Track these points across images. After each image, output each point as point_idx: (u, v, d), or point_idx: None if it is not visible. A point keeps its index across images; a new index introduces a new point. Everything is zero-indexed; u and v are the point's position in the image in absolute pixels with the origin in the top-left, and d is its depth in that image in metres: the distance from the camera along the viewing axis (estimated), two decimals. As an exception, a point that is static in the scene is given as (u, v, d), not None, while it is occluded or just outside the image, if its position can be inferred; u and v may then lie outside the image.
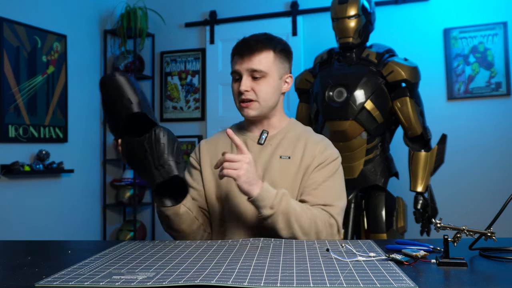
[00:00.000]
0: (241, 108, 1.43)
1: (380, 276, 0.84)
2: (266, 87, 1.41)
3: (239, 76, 1.42)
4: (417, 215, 2.58)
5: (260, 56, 1.40)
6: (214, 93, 3.98)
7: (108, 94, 1.22)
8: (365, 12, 2.59)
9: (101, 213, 4.02)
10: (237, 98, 1.44)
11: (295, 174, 1.39)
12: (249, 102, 1.41)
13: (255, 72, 1.40)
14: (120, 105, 1.20)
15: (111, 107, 1.22)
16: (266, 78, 1.41)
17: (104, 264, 0.98)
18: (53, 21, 3.53)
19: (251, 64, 1.39)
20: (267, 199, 1.25)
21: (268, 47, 1.41)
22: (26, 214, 3.27)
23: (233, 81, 1.45)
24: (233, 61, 1.45)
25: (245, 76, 1.40)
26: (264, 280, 0.82)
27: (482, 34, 3.37)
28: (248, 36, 1.46)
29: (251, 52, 1.39)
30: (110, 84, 1.21)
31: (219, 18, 4.00)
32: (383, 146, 2.66)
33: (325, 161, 1.41)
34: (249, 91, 1.40)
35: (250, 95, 1.40)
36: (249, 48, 1.40)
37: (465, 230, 0.98)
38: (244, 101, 1.41)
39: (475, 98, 3.39)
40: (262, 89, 1.41)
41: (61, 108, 3.55)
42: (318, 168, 1.40)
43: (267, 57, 1.41)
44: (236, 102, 1.45)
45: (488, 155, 3.33)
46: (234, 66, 1.43)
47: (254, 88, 1.40)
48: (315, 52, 3.24)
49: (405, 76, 2.55)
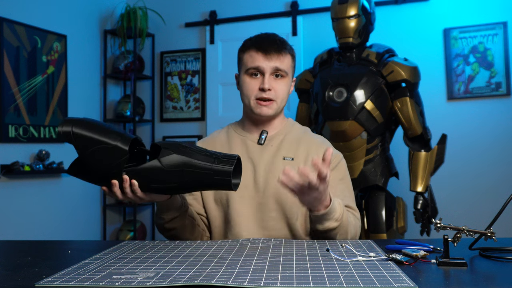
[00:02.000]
0: (257, 106, 1.40)
1: (380, 276, 0.84)
2: (285, 87, 1.42)
3: (259, 73, 1.40)
4: (417, 215, 2.58)
5: (285, 57, 1.41)
6: (214, 93, 3.98)
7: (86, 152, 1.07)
8: (365, 12, 2.59)
9: (101, 213, 4.02)
10: (252, 95, 1.40)
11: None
12: (269, 102, 1.40)
13: (279, 71, 1.40)
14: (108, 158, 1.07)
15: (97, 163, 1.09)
16: (285, 78, 1.42)
17: (104, 264, 0.98)
18: (53, 21, 3.53)
19: (278, 62, 1.39)
20: (334, 212, 1.23)
21: (289, 49, 1.44)
22: (26, 214, 3.27)
23: (247, 76, 1.42)
24: (251, 57, 1.41)
25: (268, 74, 1.39)
26: (264, 280, 0.82)
27: (482, 34, 3.37)
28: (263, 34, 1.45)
29: (279, 51, 1.40)
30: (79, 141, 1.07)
31: (219, 18, 4.00)
32: (383, 146, 2.66)
33: (333, 164, 1.42)
34: (271, 90, 1.39)
35: (271, 94, 1.39)
36: (276, 47, 1.40)
37: (465, 230, 0.98)
38: (264, 99, 1.40)
39: (475, 98, 3.39)
40: (282, 89, 1.41)
41: (61, 108, 3.55)
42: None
43: (288, 58, 1.43)
44: (250, 99, 1.41)
45: (488, 155, 3.33)
46: (256, 62, 1.39)
47: (275, 87, 1.40)
48: (315, 52, 3.24)
49: (405, 76, 2.54)
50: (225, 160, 1.10)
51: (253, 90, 1.40)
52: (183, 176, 1.09)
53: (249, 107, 1.43)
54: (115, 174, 1.10)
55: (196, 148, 1.13)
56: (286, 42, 1.45)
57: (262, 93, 1.39)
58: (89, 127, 1.08)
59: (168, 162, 1.08)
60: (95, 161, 1.09)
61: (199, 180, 1.09)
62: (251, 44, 1.43)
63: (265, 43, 1.41)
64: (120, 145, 1.07)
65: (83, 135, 1.07)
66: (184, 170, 1.08)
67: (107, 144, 1.07)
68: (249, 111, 1.44)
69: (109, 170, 1.10)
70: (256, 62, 1.39)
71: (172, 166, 1.08)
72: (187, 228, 1.37)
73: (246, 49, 1.43)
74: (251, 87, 1.41)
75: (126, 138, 1.09)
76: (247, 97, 1.42)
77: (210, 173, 1.08)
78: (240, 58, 1.46)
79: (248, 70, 1.41)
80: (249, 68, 1.41)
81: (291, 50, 1.45)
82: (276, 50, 1.40)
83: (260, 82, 1.39)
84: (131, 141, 1.10)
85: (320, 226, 1.25)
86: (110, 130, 1.10)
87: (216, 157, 1.10)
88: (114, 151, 1.07)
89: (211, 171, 1.08)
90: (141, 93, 4.22)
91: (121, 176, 1.10)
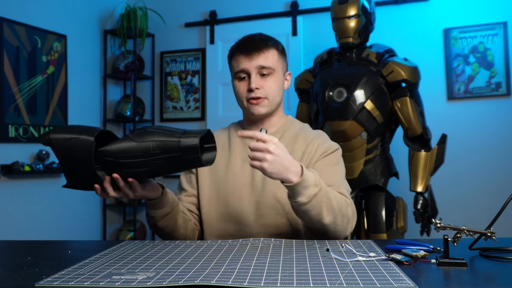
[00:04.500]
0: (250, 106, 1.42)
1: (380, 276, 0.84)
2: (274, 83, 1.42)
3: (246, 75, 1.42)
4: (417, 215, 2.58)
5: (267, 53, 1.41)
6: (214, 93, 3.98)
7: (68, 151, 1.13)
8: (365, 12, 2.59)
9: (101, 213, 4.02)
10: (244, 97, 1.42)
11: None
12: (259, 99, 1.41)
13: (264, 69, 1.40)
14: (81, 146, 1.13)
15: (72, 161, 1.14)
16: (273, 75, 1.42)
17: (104, 264, 0.98)
18: (53, 21, 3.53)
19: (260, 61, 1.40)
20: (310, 178, 1.16)
21: (272, 45, 1.43)
22: (26, 214, 3.27)
23: (237, 80, 1.44)
24: (236, 61, 1.43)
25: (254, 74, 1.40)
26: (264, 280, 0.82)
27: (482, 34, 3.37)
28: (246, 36, 1.46)
29: (259, 49, 1.40)
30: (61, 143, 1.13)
31: (219, 18, 4.00)
32: (383, 146, 2.66)
33: (327, 151, 1.41)
34: (259, 89, 1.40)
35: (260, 92, 1.40)
36: (256, 46, 1.41)
37: (465, 230, 0.98)
38: (254, 98, 1.40)
39: (475, 98, 3.39)
40: (271, 86, 1.42)
41: (61, 108, 3.55)
42: (321, 157, 1.40)
43: (273, 54, 1.43)
44: (242, 101, 1.43)
45: (488, 155, 3.33)
46: (240, 65, 1.41)
47: (263, 85, 1.41)
48: (315, 52, 3.24)
49: (405, 76, 2.54)
50: (193, 134, 1.12)
51: (243, 92, 1.42)
52: (152, 149, 1.12)
53: (244, 109, 1.45)
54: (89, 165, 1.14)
55: (166, 126, 1.16)
56: (269, 38, 1.45)
57: (251, 94, 1.40)
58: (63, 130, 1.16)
59: (138, 137, 1.12)
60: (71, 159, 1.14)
61: (166, 148, 1.12)
62: (235, 49, 1.45)
63: (246, 44, 1.42)
64: (86, 136, 1.12)
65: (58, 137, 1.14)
66: (152, 141, 1.11)
67: (75, 138, 1.13)
68: (246, 112, 1.46)
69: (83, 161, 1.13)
70: (241, 65, 1.41)
71: (141, 139, 1.12)
72: (180, 225, 1.37)
73: (233, 55, 1.46)
74: (241, 89, 1.43)
75: (93, 130, 1.14)
76: (240, 100, 1.44)
77: (176, 143, 1.11)
78: (230, 65, 1.48)
79: (236, 74, 1.43)
80: (236, 72, 1.43)
81: (276, 44, 1.45)
82: (256, 48, 1.40)
83: (248, 84, 1.41)
84: (99, 131, 1.14)
85: (301, 198, 1.16)
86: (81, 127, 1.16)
87: (183, 132, 1.13)
88: (83, 143, 1.12)
89: (178, 142, 1.11)
90: (141, 93, 4.22)
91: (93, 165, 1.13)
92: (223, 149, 1.47)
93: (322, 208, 1.19)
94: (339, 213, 1.24)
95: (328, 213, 1.21)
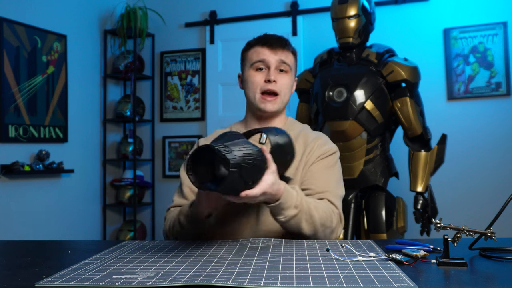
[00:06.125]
0: (262, 101, 1.43)
1: (380, 276, 0.84)
2: (288, 81, 1.45)
3: (265, 67, 1.43)
4: (417, 215, 2.58)
5: (288, 52, 1.46)
6: (214, 93, 3.98)
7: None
8: (365, 12, 2.59)
9: (101, 213, 4.01)
10: (258, 88, 1.43)
11: (295, 170, 1.40)
12: (273, 96, 1.43)
13: (283, 65, 1.44)
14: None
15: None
16: (289, 73, 1.46)
17: (104, 264, 0.98)
18: (53, 21, 3.53)
19: (283, 55, 1.43)
20: (290, 200, 1.20)
21: (291, 47, 1.49)
22: (26, 214, 3.27)
23: (253, 70, 1.44)
24: (256, 52, 1.44)
25: (273, 67, 1.43)
26: (264, 280, 0.82)
27: (482, 34, 3.37)
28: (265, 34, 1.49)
29: (282, 45, 1.45)
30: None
31: (219, 18, 4.00)
32: (383, 146, 2.66)
33: (324, 154, 1.43)
34: (276, 82, 1.42)
35: (276, 86, 1.42)
36: (280, 42, 1.45)
37: (465, 230, 0.98)
38: (268, 92, 1.42)
39: (475, 98, 3.39)
40: (286, 83, 1.44)
41: (61, 108, 3.55)
42: (317, 160, 1.41)
43: (292, 56, 1.48)
44: (255, 93, 1.43)
45: (488, 155, 3.33)
46: (261, 55, 1.43)
47: (279, 80, 1.43)
48: (315, 52, 3.24)
49: (405, 76, 2.55)
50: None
51: (258, 83, 1.43)
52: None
53: (254, 103, 1.45)
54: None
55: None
56: (289, 41, 1.50)
57: (268, 85, 1.42)
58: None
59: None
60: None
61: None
62: (255, 42, 1.47)
63: (270, 39, 1.46)
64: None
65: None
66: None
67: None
68: (254, 107, 1.46)
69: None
70: (261, 56, 1.43)
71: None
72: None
73: (251, 47, 1.47)
74: (257, 79, 1.43)
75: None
76: (253, 91, 1.44)
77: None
78: (244, 57, 1.50)
79: (254, 64, 1.44)
80: (254, 61, 1.44)
81: (294, 50, 1.51)
82: (281, 45, 1.45)
83: (265, 75, 1.43)
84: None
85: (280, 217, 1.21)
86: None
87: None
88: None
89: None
90: (141, 93, 4.22)
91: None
92: None
93: (301, 224, 1.24)
94: (321, 227, 1.28)
95: (309, 227, 1.25)
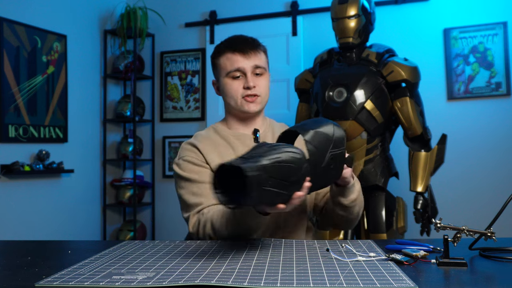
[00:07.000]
0: (244, 103, 1.43)
1: (380, 276, 0.84)
2: (265, 82, 1.47)
3: (241, 74, 1.43)
4: (417, 215, 2.58)
5: (260, 54, 1.46)
6: (214, 93, 3.96)
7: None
8: (365, 12, 2.59)
9: (101, 213, 4.01)
10: (239, 95, 1.44)
11: None
12: (254, 97, 1.44)
13: (258, 69, 1.44)
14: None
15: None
16: (264, 74, 1.47)
17: (104, 264, 0.98)
18: (53, 21, 3.53)
19: (256, 60, 1.44)
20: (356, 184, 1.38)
21: (261, 46, 1.50)
22: (26, 214, 3.27)
23: (229, 79, 1.44)
24: (228, 60, 1.43)
25: (250, 73, 1.43)
26: (264, 280, 0.82)
27: (482, 34, 3.37)
28: (232, 36, 1.49)
29: (254, 48, 1.44)
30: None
31: (219, 18, 4.00)
32: (383, 146, 2.66)
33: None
34: (255, 87, 1.43)
35: (256, 90, 1.43)
36: (251, 46, 1.44)
37: (465, 230, 0.98)
38: (250, 96, 1.43)
39: (475, 98, 3.39)
40: (264, 85, 1.46)
41: (61, 108, 3.55)
42: None
43: (263, 55, 1.48)
44: (236, 99, 1.44)
45: (488, 155, 3.33)
46: (235, 64, 1.42)
47: (258, 84, 1.44)
48: (315, 52, 3.24)
49: (405, 76, 2.54)
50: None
51: (238, 91, 1.44)
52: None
53: (236, 107, 1.45)
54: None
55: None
56: (257, 40, 1.49)
57: (248, 91, 1.43)
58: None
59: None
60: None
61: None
62: (224, 48, 1.46)
63: (239, 44, 1.44)
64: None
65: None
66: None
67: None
68: (236, 110, 1.47)
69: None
70: (236, 64, 1.42)
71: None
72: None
73: (221, 53, 1.46)
74: (235, 87, 1.44)
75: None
76: (234, 99, 1.45)
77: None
78: (216, 64, 1.48)
79: (229, 73, 1.44)
80: (229, 71, 1.43)
81: (264, 47, 1.51)
82: (251, 48, 1.44)
83: (243, 82, 1.43)
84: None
85: (352, 195, 1.34)
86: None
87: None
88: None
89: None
90: (141, 93, 4.22)
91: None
92: (222, 146, 1.46)
93: (361, 203, 1.41)
94: (362, 210, 1.46)
95: (361, 204, 1.42)
